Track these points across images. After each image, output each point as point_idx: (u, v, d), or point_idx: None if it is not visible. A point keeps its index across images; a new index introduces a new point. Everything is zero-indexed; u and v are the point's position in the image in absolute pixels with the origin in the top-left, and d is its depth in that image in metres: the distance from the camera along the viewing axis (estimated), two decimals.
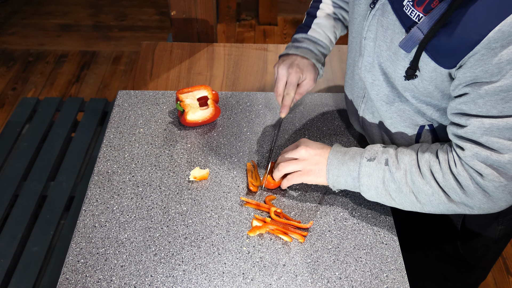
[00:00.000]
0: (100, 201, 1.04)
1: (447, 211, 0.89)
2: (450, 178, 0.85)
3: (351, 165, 0.95)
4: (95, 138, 1.84)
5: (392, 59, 0.88)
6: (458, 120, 0.83)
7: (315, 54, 1.13)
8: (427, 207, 0.90)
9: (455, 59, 0.78)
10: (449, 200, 0.86)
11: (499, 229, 1.07)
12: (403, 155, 0.91)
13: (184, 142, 1.18)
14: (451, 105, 0.85)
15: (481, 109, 0.78)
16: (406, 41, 0.82)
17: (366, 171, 0.93)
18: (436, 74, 0.83)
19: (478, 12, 0.72)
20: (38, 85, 2.88)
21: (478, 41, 0.73)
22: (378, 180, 0.92)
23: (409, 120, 0.97)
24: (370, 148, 0.96)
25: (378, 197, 0.94)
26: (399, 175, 0.90)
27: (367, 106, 1.05)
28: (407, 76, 0.86)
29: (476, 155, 0.81)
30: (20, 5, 3.58)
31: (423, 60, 0.83)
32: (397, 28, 0.85)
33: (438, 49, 0.79)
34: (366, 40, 0.94)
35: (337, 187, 0.99)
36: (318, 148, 1.01)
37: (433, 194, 0.87)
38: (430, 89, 0.86)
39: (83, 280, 0.90)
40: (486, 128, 0.79)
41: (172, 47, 1.54)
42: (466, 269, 1.18)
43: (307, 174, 1.00)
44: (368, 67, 0.97)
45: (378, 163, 0.92)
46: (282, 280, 0.91)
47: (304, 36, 1.15)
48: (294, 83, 1.09)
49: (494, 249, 1.14)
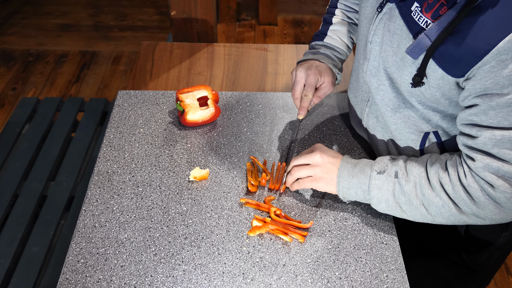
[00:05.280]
0: (100, 201, 1.04)
1: (458, 223, 0.88)
2: (460, 190, 0.84)
3: (361, 178, 0.94)
4: (95, 138, 1.84)
5: (398, 65, 0.88)
6: (469, 131, 0.82)
7: (332, 59, 1.14)
8: (438, 219, 0.89)
9: (463, 68, 0.77)
10: (460, 212, 0.85)
11: (503, 236, 1.06)
12: (412, 167, 0.90)
13: (184, 142, 1.18)
14: (461, 116, 0.84)
15: (492, 120, 0.77)
16: (413, 48, 0.81)
17: (376, 184, 0.92)
18: (444, 82, 0.82)
19: (487, 22, 0.72)
20: (38, 85, 2.88)
21: (487, 51, 0.72)
22: (388, 193, 0.91)
23: (414, 127, 0.96)
24: (380, 160, 0.95)
25: (389, 209, 0.93)
26: (409, 187, 0.89)
27: (372, 110, 1.04)
28: (414, 83, 0.86)
29: (487, 166, 0.80)
30: (20, 5, 3.58)
31: (430, 68, 0.82)
32: (404, 34, 0.84)
33: (446, 57, 0.79)
34: (372, 44, 0.94)
35: (348, 198, 0.98)
36: (332, 157, 0.99)
37: (443, 206, 0.86)
38: (437, 96, 0.86)
39: (83, 280, 0.90)
40: (497, 139, 0.78)
41: (172, 47, 1.54)
42: (468, 275, 1.17)
43: (317, 180, 0.99)
44: (374, 72, 0.96)
45: (388, 175, 0.92)
46: (282, 280, 0.91)
47: (320, 43, 1.17)
48: (312, 84, 1.09)
49: (498, 255, 1.13)
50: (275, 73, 1.45)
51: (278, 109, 1.28)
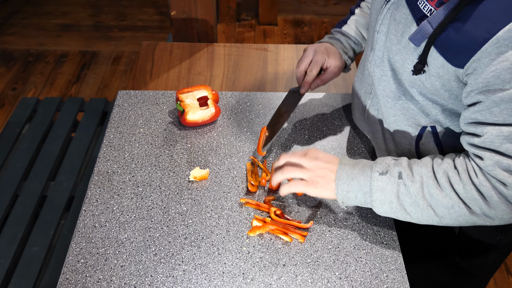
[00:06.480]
0: (100, 201, 1.04)
1: (466, 223, 0.85)
2: (472, 189, 0.81)
3: (361, 180, 0.89)
4: (95, 138, 1.84)
5: (401, 53, 0.88)
6: (473, 130, 0.81)
7: (344, 46, 1.18)
8: (445, 220, 0.86)
9: (464, 57, 0.77)
10: (470, 212, 0.82)
11: (497, 239, 1.05)
12: (417, 167, 0.87)
13: (184, 142, 1.18)
14: (464, 115, 0.83)
15: (497, 118, 0.76)
16: (415, 34, 0.82)
17: (379, 185, 0.88)
18: (444, 71, 0.82)
19: (488, 10, 0.72)
20: (38, 85, 2.88)
21: (486, 40, 0.72)
22: (392, 194, 0.87)
23: (412, 119, 0.97)
24: (381, 161, 0.91)
25: (392, 212, 0.89)
26: (414, 188, 0.85)
27: (373, 102, 1.05)
28: (415, 70, 0.85)
29: (497, 164, 0.78)
30: (20, 5, 3.58)
31: (431, 55, 0.82)
32: (409, 22, 0.85)
33: (447, 44, 0.79)
34: (378, 33, 0.95)
35: (347, 203, 0.92)
36: (326, 162, 0.94)
37: (453, 207, 0.83)
38: (437, 86, 0.86)
39: (83, 280, 0.90)
40: (505, 136, 0.76)
41: (172, 47, 1.54)
42: (462, 277, 1.17)
43: (313, 185, 0.93)
44: (378, 62, 0.97)
45: (391, 176, 0.88)
46: (282, 280, 0.91)
47: (338, 29, 1.22)
48: (318, 62, 1.12)
49: (493, 259, 1.12)
50: (275, 73, 1.45)
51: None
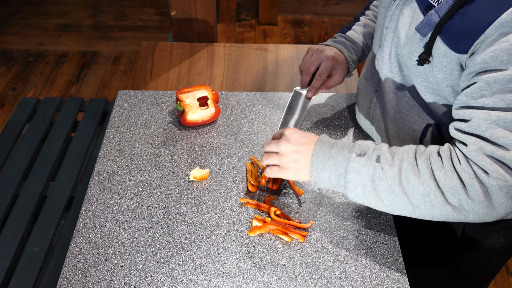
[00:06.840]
0: (100, 201, 1.04)
1: (439, 216, 0.82)
2: (453, 176, 0.78)
3: (338, 160, 0.87)
4: (95, 138, 1.84)
5: (408, 46, 0.89)
6: (462, 114, 0.80)
7: (348, 50, 1.18)
8: (418, 210, 0.82)
9: (468, 43, 0.77)
10: (446, 202, 0.79)
11: (500, 242, 1.04)
12: (398, 152, 0.84)
13: (184, 142, 1.18)
14: (457, 99, 0.82)
15: (487, 101, 0.76)
16: (421, 24, 0.82)
17: (355, 166, 0.85)
18: (447, 60, 0.82)
19: None
20: (38, 85, 2.88)
21: (490, 23, 0.73)
22: (367, 177, 0.84)
23: (417, 117, 0.97)
24: (361, 142, 0.88)
25: (365, 197, 0.85)
26: (392, 172, 0.82)
27: (379, 100, 1.06)
28: (420, 60, 0.86)
29: (481, 149, 0.76)
30: (20, 5, 3.58)
31: (436, 45, 0.82)
32: (416, 15, 0.86)
33: (452, 31, 0.79)
34: (387, 30, 0.96)
35: (319, 184, 0.90)
36: (299, 144, 0.91)
37: (428, 195, 0.80)
38: (439, 79, 0.85)
39: (83, 280, 0.90)
40: (492, 120, 0.75)
41: (172, 47, 1.54)
42: (462, 279, 1.16)
43: (285, 171, 0.93)
44: (386, 58, 0.98)
45: (368, 158, 0.84)
46: (282, 280, 0.91)
47: (341, 35, 1.22)
48: (328, 68, 1.13)
49: (493, 262, 1.11)
50: (275, 73, 1.45)
51: (278, 109, 1.28)
